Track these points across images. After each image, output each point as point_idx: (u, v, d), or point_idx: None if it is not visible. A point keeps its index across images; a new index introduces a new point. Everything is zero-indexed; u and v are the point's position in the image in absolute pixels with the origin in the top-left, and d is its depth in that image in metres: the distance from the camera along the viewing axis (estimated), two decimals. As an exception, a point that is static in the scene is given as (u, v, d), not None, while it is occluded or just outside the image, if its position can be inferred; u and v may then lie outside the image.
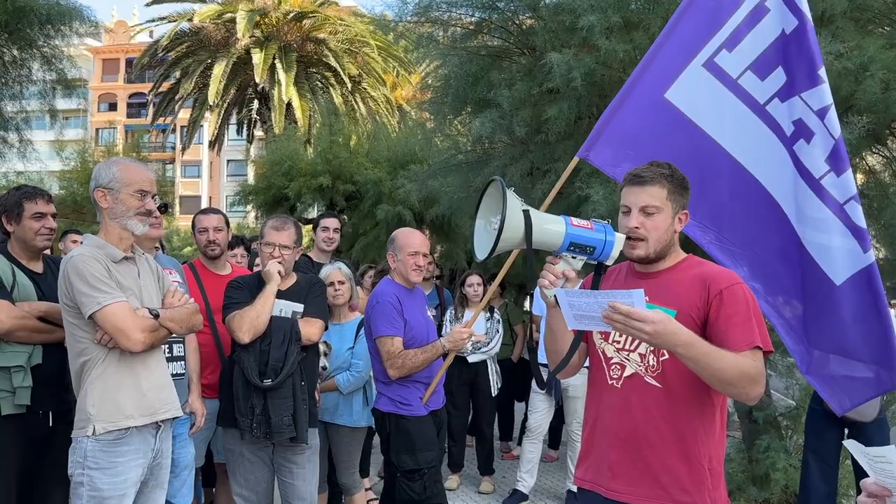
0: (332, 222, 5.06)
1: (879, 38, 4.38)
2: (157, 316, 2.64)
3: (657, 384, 2.10)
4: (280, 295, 3.30)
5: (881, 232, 5.02)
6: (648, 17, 4.55)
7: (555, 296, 2.04)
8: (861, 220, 2.97)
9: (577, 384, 5.26)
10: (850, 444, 1.41)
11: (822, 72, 3.03)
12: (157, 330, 2.64)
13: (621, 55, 4.46)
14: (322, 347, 3.80)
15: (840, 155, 2.98)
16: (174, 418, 2.79)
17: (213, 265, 4.00)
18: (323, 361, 3.88)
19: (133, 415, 2.59)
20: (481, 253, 2.11)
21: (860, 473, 4.15)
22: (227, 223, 4.05)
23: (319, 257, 4.91)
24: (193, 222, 4.04)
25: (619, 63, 4.67)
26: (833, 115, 3.01)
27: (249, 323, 3.15)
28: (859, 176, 5.34)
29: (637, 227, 2.15)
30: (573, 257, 2.11)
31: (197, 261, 4.03)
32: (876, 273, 2.95)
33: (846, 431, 4.20)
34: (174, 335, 2.81)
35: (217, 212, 4.10)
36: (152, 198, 2.71)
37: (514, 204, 2.03)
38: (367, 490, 5.14)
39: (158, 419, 2.68)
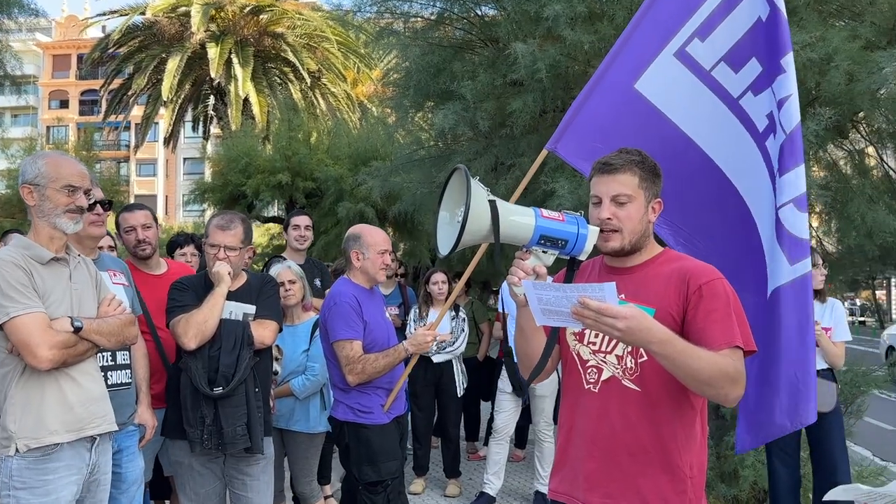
0: (302, 220, 4.98)
1: (842, 29, 4.35)
2: (78, 328, 2.41)
3: (635, 387, 1.98)
4: (229, 296, 3.10)
5: (844, 224, 5.02)
6: (613, 7, 4.46)
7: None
8: (793, 227, 2.74)
9: (544, 383, 5.16)
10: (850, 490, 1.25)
11: (786, 60, 2.86)
12: (76, 345, 2.41)
13: (586, 47, 4.36)
14: (273, 351, 3.60)
15: (788, 152, 2.78)
16: (111, 432, 2.58)
17: (146, 265, 3.72)
18: (274, 366, 3.69)
19: (58, 430, 2.37)
20: (445, 247, 1.95)
21: (818, 465, 4.15)
22: (156, 219, 3.79)
23: (293, 257, 4.80)
24: (117, 222, 3.74)
25: (583, 55, 4.58)
26: (789, 106, 2.80)
27: (196, 328, 2.94)
28: (821, 170, 5.34)
29: (609, 218, 2.01)
30: (544, 251, 1.95)
31: (127, 262, 3.70)
32: (801, 292, 2.72)
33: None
34: (104, 349, 2.58)
35: (142, 207, 3.80)
36: (85, 193, 2.49)
37: (480, 194, 1.87)
38: (328, 498, 4.97)
39: (88, 435, 2.46)
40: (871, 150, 4.84)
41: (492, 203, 1.87)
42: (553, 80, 4.51)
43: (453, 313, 5.72)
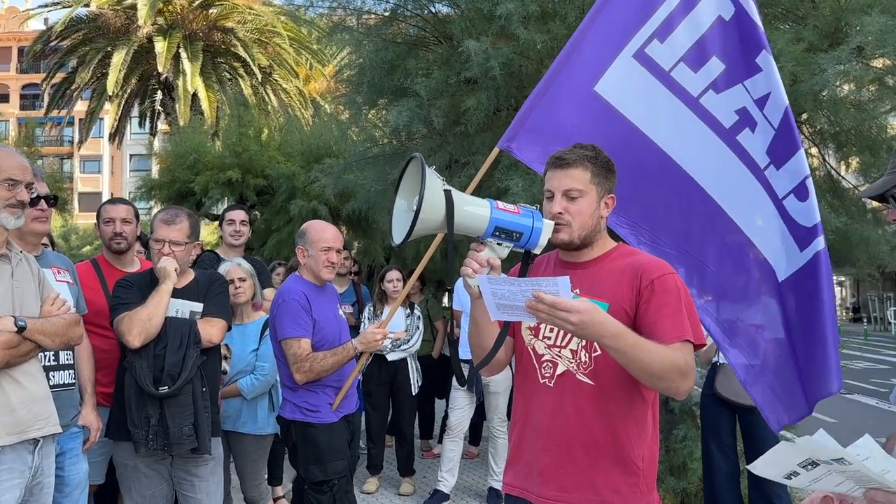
0: (237, 214, 4.79)
1: (787, 32, 4.47)
2: (22, 328, 2.31)
3: (590, 381, 1.99)
4: (176, 293, 3.02)
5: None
6: (565, 7, 4.49)
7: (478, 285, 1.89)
8: (801, 216, 2.84)
9: (498, 379, 5.18)
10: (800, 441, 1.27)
11: (762, 58, 2.90)
12: (20, 345, 2.31)
13: (539, 46, 4.39)
14: (222, 350, 3.52)
15: (780, 146, 2.85)
16: (54, 434, 2.49)
17: (120, 261, 3.65)
18: (223, 365, 3.62)
19: (0, 433, 2.28)
20: (398, 236, 1.93)
21: (751, 457, 4.27)
22: (137, 216, 3.73)
23: (228, 253, 4.62)
24: (99, 212, 3.68)
25: (536, 54, 4.61)
26: (774, 102, 2.86)
27: (140, 326, 2.86)
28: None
29: (561, 213, 2.03)
30: (499, 244, 1.95)
31: (101, 257, 3.68)
32: (812, 273, 2.80)
33: (737, 416, 4.35)
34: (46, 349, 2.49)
35: (126, 202, 3.77)
36: (26, 187, 2.40)
37: (435, 183, 1.85)
38: (279, 499, 4.90)
39: (31, 437, 2.36)
40: (814, 150, 4.98)
41: (447, 192, 1.86)
42: (506, 78, 4.53)
43: (408, 311, 5.70)
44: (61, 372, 2.97)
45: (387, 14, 5.53)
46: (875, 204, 5.25)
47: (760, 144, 2.92)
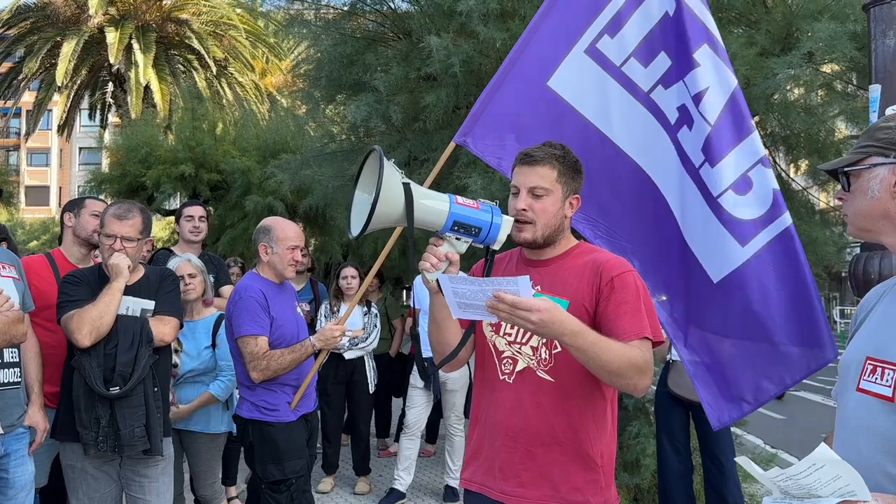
0: (196, 210, 4.68)
1: (741, 36, 4.56)
2: None
3: (549, 378, 2.00)
4: (126, 291, 2.92)
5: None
6: (524, 5, 4.51)
7: (437, 280, 1.88)
8: (741, 209, 2.85)
9: (455, 377, 5.18)
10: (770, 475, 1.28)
11: (702, 53, 2.91)
12: None
13: (498, 44, 4.39)
14: (173, 344, 3.43)
15: (715, 144, 2.86)
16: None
17: (82, 256, 3.54)
18: (174, 359, 3.53)
19: None
20: (356, 228, 1.91)
21: (706, 453, 4.34)
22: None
23: (186, 250, 4.49)
24: (82, 203, 3.57)
25: (496, 52, 4.61)
26: (709, 100, 2.88)
27: (91, 324, 2.76)
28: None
29: (525, 210, 2.03)
30: (457, 238, 1.95)
31: (57, 251, 3.55)
32: (755, 270, 2.81)
33: (691, 413, 4.39)
34: None
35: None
36: None
37: (393, 176, 1.83)
38: (232, 499, 4.82)
39: None
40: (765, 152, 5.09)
41: (406, 186, 1.85)
42: (466, 75, 4.53)
43: (366, 309, 5.66)
44: (6, 370, 2.87)
45: (345, 8, 5.49)
46: (823, 205, 5.41)
47: (696, 142, 2.93)
